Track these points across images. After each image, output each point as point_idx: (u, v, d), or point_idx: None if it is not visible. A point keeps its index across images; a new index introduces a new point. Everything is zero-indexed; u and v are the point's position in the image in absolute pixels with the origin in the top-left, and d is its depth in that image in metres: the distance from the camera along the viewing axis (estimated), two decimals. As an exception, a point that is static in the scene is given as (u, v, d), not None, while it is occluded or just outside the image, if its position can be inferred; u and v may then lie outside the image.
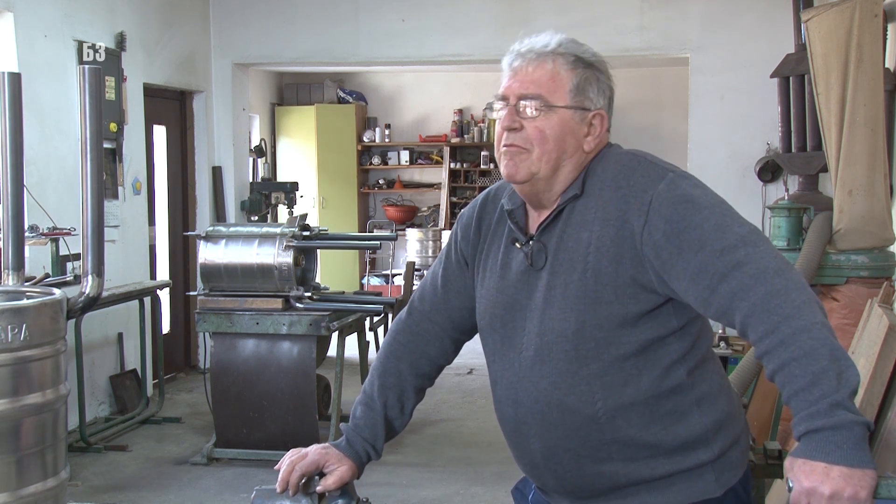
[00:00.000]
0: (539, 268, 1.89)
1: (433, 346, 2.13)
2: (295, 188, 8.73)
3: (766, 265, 1.69)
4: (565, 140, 1.87)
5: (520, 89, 1.87)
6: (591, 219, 1.84)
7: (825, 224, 4.95)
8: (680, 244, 1.74)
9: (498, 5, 7.93)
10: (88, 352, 6.23)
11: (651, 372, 1.82)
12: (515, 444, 1.96)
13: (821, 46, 4.98)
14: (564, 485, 1.92)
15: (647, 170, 1.84)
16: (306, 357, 5.54)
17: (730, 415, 1.90)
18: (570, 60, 1.88)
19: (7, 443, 1.92)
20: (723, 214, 1.76)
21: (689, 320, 1.86)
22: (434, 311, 2.12)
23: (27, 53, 5.88)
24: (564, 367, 1.83)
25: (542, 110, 1.85)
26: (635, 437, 1.82)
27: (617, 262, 1.79)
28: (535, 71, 1.87)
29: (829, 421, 1.56)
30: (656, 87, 10.60)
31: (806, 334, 1.61)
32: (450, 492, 5.20)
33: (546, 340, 1.85)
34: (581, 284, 1.82)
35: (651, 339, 1.81)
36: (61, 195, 5.97)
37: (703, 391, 1.86)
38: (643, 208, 1.78)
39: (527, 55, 1.89)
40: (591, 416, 1.82)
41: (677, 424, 1.82)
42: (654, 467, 1.83)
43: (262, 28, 8.27)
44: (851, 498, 1.54)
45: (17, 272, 2.23)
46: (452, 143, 11.47)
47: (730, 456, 1.88)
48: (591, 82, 1.89)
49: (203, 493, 5.21)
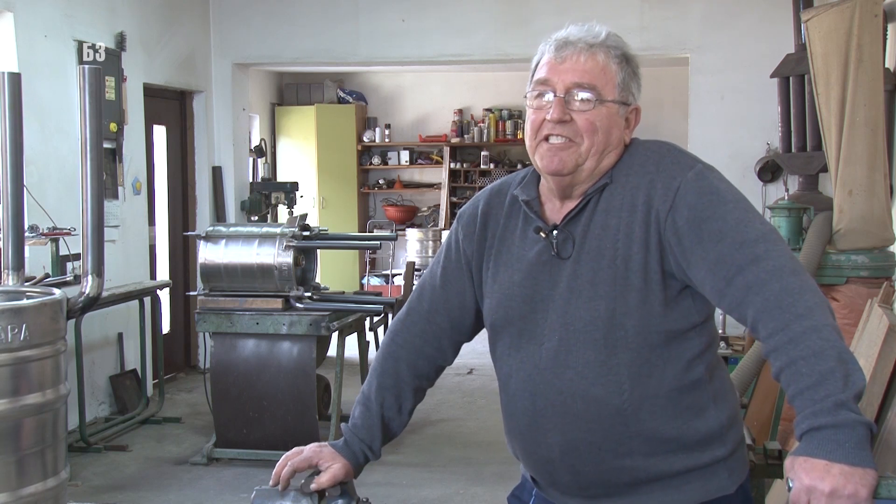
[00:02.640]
0: (566, 257, 1.87)
1: (431, 346, 2.10)
2: (295, 188, 8.72)
3: (783, 263, 1.71)
4: (612, 133, 1.87)
5: (571, 79, 1.85)
6: (619, 205, 1.84)
7: (825, 224, 4.95)
8: (701, 233, 1.76)
9: (498, 5, 7.93)
10: (88, 352, 6.23)
11: (675, 364, 1.83)
12: (530, 440, 1.92)
13: (821, 46, 4.97)
14: (580, 481, 1.90)
15: (678, 158, 1.86)
16: (306, 357, 5.54)
17: (738, 413, 1.94)
18: (618, 54, 1.88)
19: (7, 443, 1.92)
20: (746, 210, 1.79)
21: (707, 316, 1.88)
22: (433, 311, 2.09)
23: (27, 53, 5.88)
24: (592, 357, 1.82)
25: (594, 102, 1.85)
26: (658, 430, 1.82)
27: (646, 248, 1.80)
28: (588, 62, 1.86)
29: (833, 419, 1.56)
30: (656, 87, 10.59)
31: (816, 334, 1.62)
32: (450, 492, 5.20)
33: (572, 330, 1.84)
34: (611, 272, 1.82)
35: (676, 331, 1.82)
36: (61, 195, 5.97)
37: (717, 388, 1.88)
38: (670, 193, 1.79)
39: (577, 44, 1.87)
40: (618, 406, 1.82)
41: (696, 419, 1.84)
42: (672, 462, 1.84)
43: (262, 28, 8.28)
44: (851, 496, 1.54)
45: (16, 272, 2.23)
46: (452, 143, 11.47)
47: (739, 453, 1.91)
48: (632, 77, 1.91)
49: (203, 493, 5.21)
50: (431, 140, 11.55)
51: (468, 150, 11.60)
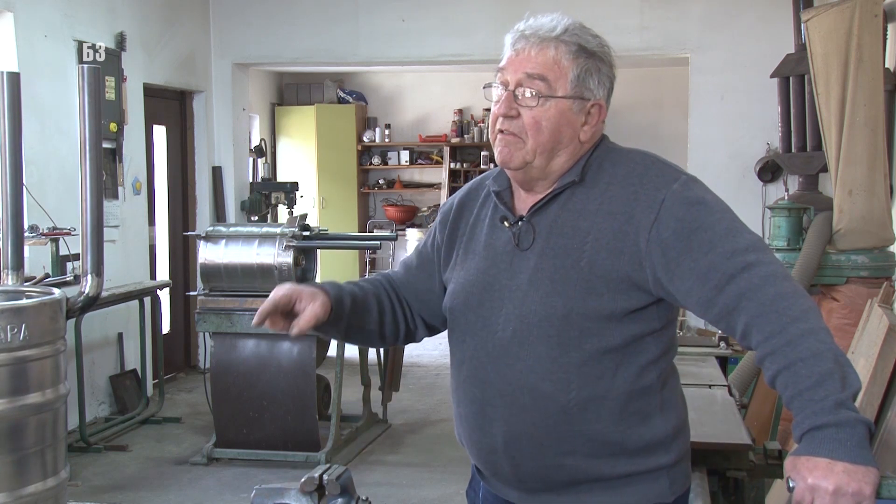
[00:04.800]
0: (525, 248, 1.87)
1: (402, 305, 2.12)
2: (295, 188, 8.72)
3: (774, 270, 1.72)
4: (561, 131, 1.85)
5: (519, 74, 1.84)
6: (594, 209, 1.83)
7: (825, 224, 4.95)
8: (690, 244, 1.75)
9: (497, 5, 7.93)
10: (88, 352, 6.23)
11: (627, 369, 1.82)
12: (476, 427, 1.92)
13: (821, 46, 4.98)
14: (519, 473, 1.89)
15: (662, 170, 1.85)
16: (306, 357, 5.54)
17: (685, 425, 1.94)
18: (573, 49, 1.85)
19: (7, 443, 1.92)
20: (733, 220, 1.79)
21: (668, 322, 1.88)
22: (407, 283, 2.12)
23: (27, 53, 5.88)
24: (544, 352, 1.82)
25: (540, 99, 1.83)
26: (601, 432, 1.82)
27: (615, 257, 1.79)
28: (538, 56, 1.84)
29: (834, 418, 1.56)
30: (656, 87, 10.59)
31: (813, 337, 1.63)
32: (450, 492, 5.20)
33: (527, 323, 1.83)
34: (574, 272, 1.81)
35: (633, 336, 1.82)
36: (61, 195, 5.97)
37: (667, 397, 1.88)
38: (654, 206, 1.79)
39: (530, 38, 1.85)
40: (564, 404, 1.81)
41: (641, 426, 1.83)
42: (613, 465, 1.83)
43: (262, 28, 8.27)
44: (856, 494, 1.54)
45: (16, 272, 2.23)
46: (452, 143, 11.46)
47: (683, 465, 1.92)
48: (592, 73, 1.86)
49: (203, 493, 5.21)
50: (431, 140, 11.55)
51: (468, 150, 11.59)
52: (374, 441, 6.16)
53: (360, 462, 5.73)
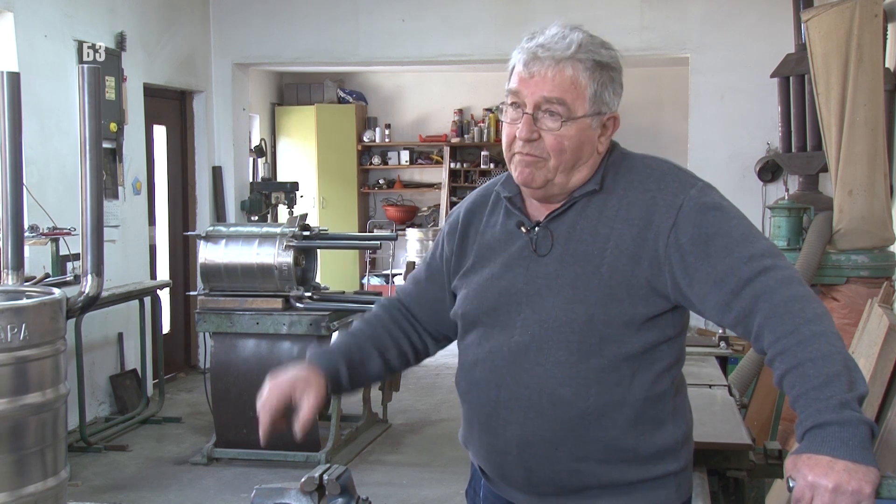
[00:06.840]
0: (543, 254, 1.88)
1: (411, 328, 2.15)
2: (295, 188, 8.72)
3: (790, 275, 1.74)
4: (582, 148, 1.85)
5: (538, 97, 1.82)
6: (613, 216, 1.84)
7: (825, 224, 4.95)
8: (707, 249, 1.77)
9: (498, 5, 7.93)
10: (88, 352, 6.23)
11: (643, 376, 1.83)
12: (488, 430, 1.91)
13: (821, 46, 4.98)
14: (531, 478, 1.89)
15: (679, 176, 1.87)
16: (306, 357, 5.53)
17: (691, 431, 1.95)
18: (588, 66, 1.83)
19: (7, 442, 1.92)
20: (749, 226, 1.81)
21: (681, 330, 1.90)
22: (416, 298, 2.14)
23: (27, 53, 5.88)
24: (564, 358, 1.82)
25: (562, 120, 1.82)
26: (617, 438, 1.83)
27: (635, 263, 1.80)
28: (555, 78, 1.81)
29: (837, 417, 1.57)
30: (656, 87, 10.60)
31: (825, 339, 1.65)
32: (450, 492, 5.20)
33: (548, 328, 1.84)
34: (595, 279, 1.82)
35: (650, 343, 1.83)
36: (61, 195, 5.97)
37: (678, 403, 1.90)
38: (672, 211, 1.80)
39: (545, 60, 1.82)
40: (583, 410, 1.82)
41: (655, 432, 1.84)
42: (625, 472, 1.84)
43: (262, 28, 8.28)
44: (855, 492, 1.54)
45: (16, 272, 2.23)
46: (452, 143, 11.46)
47: (689, 472, 1.93)
48: (606, 85, 1.85)
49: (203, 493, 5.21)
50: (431, 140, 11.55)
51: (468, 150, 11.59)
52: (375, 441, 6.16)
53: (360, 462, 5.73)
